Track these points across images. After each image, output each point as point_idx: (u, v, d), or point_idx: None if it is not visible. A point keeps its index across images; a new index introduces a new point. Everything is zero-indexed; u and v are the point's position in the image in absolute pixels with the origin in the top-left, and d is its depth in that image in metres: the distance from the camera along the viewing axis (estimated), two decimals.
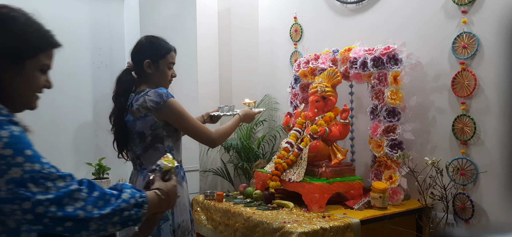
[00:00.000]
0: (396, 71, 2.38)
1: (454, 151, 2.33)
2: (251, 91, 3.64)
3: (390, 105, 2.39)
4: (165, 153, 1.83)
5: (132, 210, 1.05)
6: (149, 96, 1.79)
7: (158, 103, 1.78)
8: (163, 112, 1.79)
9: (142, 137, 1.82)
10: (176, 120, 1.83)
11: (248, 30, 3.66)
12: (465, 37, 2.26)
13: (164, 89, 1.82)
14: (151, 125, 1.80)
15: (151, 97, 1.79)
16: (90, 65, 3.13)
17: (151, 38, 1.94)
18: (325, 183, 2.29)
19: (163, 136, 1.83)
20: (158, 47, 1.91)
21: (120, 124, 1.88)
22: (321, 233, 1.97)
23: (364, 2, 2.83)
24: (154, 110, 1.78)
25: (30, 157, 0.96)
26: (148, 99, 1.79)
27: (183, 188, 1.88)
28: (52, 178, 0.97)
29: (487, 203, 2.20)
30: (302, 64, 2.88)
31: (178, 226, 1.82)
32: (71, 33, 3.02)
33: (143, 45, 1.92)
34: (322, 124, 2.44)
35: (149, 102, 1.78)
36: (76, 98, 3.08)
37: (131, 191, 1.08)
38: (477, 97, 2.23)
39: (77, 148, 3.11)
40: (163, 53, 1.90)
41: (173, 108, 1.81)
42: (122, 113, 1.88)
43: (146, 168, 1.85)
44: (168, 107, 1.80)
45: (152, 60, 1.88)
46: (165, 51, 1.91)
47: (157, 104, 1.78)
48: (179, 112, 1.83)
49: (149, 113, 1.79)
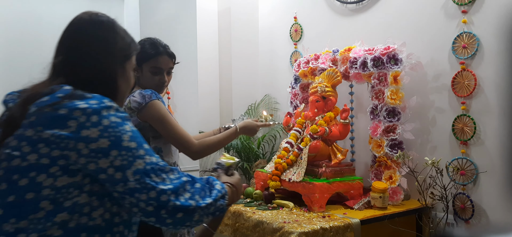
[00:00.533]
0: (396, 71, 2.38)
1: (454, 151, 2.33)
2: (251, 91, 3.65)
3: (390, 105, 2.39)
4: None
5: (221, 200, 1.10)
6: (134, 97, 1.76)
7: (140, 104, 1.75)
8: (144, 113, 1.76)
9: None
10: (156, 122, 1.77)
11: (248, 30, 3.66)
12: (465, 37, 2.26)
13: (149, 91, 1.78)
14: (135, 126, 1.78)
15: (135, 97, 1.76)
16: None
17: (144, 41, 1.89)
18: (325, 183, 2.29)
19: (150, 137, 1.80)
20: (143, 50, 1.83)
21: None
22: (321, 233, 1.97)
23: (364, 2, 2.83)
24: (136, 111, 1.76)
25: (148, 151, 1.02)
26: (132, 99, 1.76)
27: None
28: (166, 171, 1.02)
29: (487, 203, 2.20)
30: (302, 64, 2.88)
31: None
32: None
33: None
34: (322, 124, 2.44)
35: (133, 103, 1.76)
36: None
37: (218, 183, 1.14)
38: (477, 97, 2.23)
39: None
40: (146, 57, 1.83)
41: (153, 110, 1.75)
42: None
43: None
44: (148, 108, 1.75)
45: (137, 63, 1.85)
46: (148, 55, 1.84)
47: (139, 104, 1.75)
48: (160, 115, 1.76)
49: (133, 113, 1.77)
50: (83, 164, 0.95)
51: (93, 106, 0.97)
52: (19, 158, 0.95)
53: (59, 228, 0.95)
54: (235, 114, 3.57)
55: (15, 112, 0.99)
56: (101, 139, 0.95)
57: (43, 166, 0.94)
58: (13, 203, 0.94)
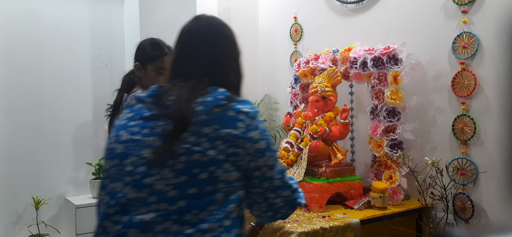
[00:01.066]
0: (396, 71, 2.38)
1: (454, 151, 2.33)
2: (251, 91, 3.64)
3: (390, 105, 2.39)
4: None
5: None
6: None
7: None
8: None
9: None
10: None
11: (248, 30, 3.66)
12: (465, 37, 2.26)
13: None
14: None
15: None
16: (90, 65, 3.13)
17: (148, 41, 1.90)
18: (325, 183, 2.29)
19: None
20: (148, 50, 1.84)
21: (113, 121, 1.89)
22: (321, 233, 1.97)
23: (364, 2, 2.83)
24: None
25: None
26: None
27: None
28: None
29: (487, 203, 2.20)
30: (302, 64, 2.88)
31: None
32: (71, 33, 3.02)
33: (139, 47, 1.91)
34: (322, 124, 2.44)
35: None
36: (76, 98, 3.08)
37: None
38: (477, 97, 2.23)
39: (77, 148, 3.11)
40: (152, 57, 1.84)
41: None
42: (117, 110, 1.88)
43: None
44: None
45: (140, 63, 1.85)
46: (154, 55, 1.85)
47: None
48: None
49: None
50: (247, 161, 1.07)
51: (252, 111, 1.11)
52: (200, 153, 1.01)
53: (228, 219, 1.04)
54: None
55: (183, 109, 1.03)
56: (261, 141, 1.09)
57: (220, 161, 1.02)
58: (195, 195, 1.00)
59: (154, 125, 1.04)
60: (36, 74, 2.90)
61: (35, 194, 2.91)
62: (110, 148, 1.08)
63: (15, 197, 2.90)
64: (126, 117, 1.10)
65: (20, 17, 2.87)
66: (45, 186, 2.98)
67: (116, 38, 3.21)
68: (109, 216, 1.01)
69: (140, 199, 0.99)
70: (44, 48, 2.93)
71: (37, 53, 2.92)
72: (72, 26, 3.03)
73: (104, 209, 1.03)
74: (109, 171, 1.06)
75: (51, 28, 2.96)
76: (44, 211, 2.95)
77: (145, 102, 1.09)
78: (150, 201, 0.99)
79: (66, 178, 3.07)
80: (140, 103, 1.10)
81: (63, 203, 3.05)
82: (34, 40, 2.91)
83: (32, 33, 2.90)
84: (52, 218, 3.01)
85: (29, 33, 2.90)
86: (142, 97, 1.11)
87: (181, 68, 1.14)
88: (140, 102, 1.10)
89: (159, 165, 1.00)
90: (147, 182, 1.00)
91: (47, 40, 2.95)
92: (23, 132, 2.90)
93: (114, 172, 1.04)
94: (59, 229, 3.02)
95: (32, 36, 2.90)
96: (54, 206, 3.02)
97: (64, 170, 3.05)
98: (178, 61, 1.16)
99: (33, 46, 2.90)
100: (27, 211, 2.93)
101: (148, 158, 1.01)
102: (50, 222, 2.99)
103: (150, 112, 1.07)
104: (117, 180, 1.03)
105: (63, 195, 3.05)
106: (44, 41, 2.94)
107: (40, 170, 2.97)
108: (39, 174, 2.97)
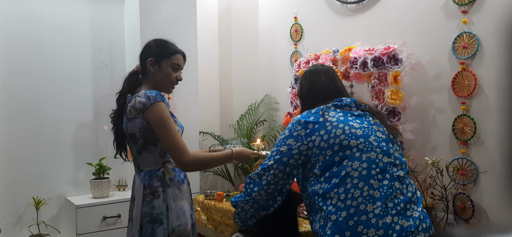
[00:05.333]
0: (396, 71, 2.38)
1: (454, 151, 2.33)
2: (251, 91, 3.65)
3: (390, 105, 2.39)
4: (159, 156, 1.81)
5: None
6: (139, 97, 1.76)
7: (145, 105, 1.74)
8: (147, 114, 1.74)
9: (134, 139, 1.80)
10: (155, 124, 1.74)
11: (248, 30, 3.67)
12: (465, 37, 2.26)
13: (154, 92, 1.77)
14: (140, 127, 1.77)
15: (140, 98, 1.75)
16: (90, 65, 3.13)
17: (159, 40, 1.92)
18: None
19: (155, 138, 1.78)
20: (163, 47, 1.87)
21: (118, 124, 1.88)
22: None
23: (364, 2, 2.84)
24: (140, 111, 1.75)
25: None
26: (138, 100, 1.76)
27: (181, 191, 1.85)
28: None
29: (487, 203, 2.20)
30: (302, 64, 2.88)
31: (172, 230, 1.77)
32: (71, 33, 3.02)
33: (150, 46, 1.91)
34: None
35: (138, 104, 1.75)
36: (76, 98, 3.08)
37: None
38: (477, 97, 2.23)
39: (77, 148, 3.11)
40: (168, 53, 1.86)
41: (155, 111, 1.74)
42: (121, 113, 1.87)
43: (142, 170, 1.83)
44: (151, 110, 1.74)
45: (155, 59, 1.86)
46: (170, 51, 1.87)
47: (144, 105, 1.74)
48: (161, 117, 1.74)
49: (138, 115, 1.76)
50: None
51: None
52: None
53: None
54: (235, 114, 3.57)
55: (373, 109, 1.69)
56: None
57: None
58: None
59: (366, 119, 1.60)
60: (37, 74, 2.90)
61: (35, 194, 2.91)
62: (350, 133, 1.51)
63: (16, 197, 2.90)
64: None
65: (20, 17, 2.88)
66: (45, 186, 2.98)
67: (116, 38, 3.22)
68: (373, 176, 1.43)
69: (391, 162, 1.49)
70: (44, 48, 2.93)
71: (37, 53, 2.92)
72: (72, 26, 3.03)
73: (366, 172, 1.44)
74: (357, 147, 1.48)
75: (51, 28, 2.96)
76: (44, 211, 2.95)
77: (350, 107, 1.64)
78: (397, 163, 1.50)
79: (67, 178, 3.07)
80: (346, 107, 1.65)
81: (63, 203, 3.05)
82: (34, 40, 2.91)
83: (32, 33, 2.90)
84: (53, 218, 3.01)
85: (29, 33, 2.90)
86: (346, 103, 1.65)
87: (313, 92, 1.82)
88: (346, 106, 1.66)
89: (392, 140, 1.56)
90: (391, 152, 1.51)
91: (47, 40, 2.95)
92: (23, 132, 2.90)
93: (362, 147, 1.48)
94: (59, 229, 3.02)
95: (32, 36, 2.91)
96: (55, 206, 3.02)
97: (65, 170, 3.05)
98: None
99: (33, 46, 2.90)
100: (27, 211, 2.93)
101: (386, 137, 1.55)
102: (51, 222, 2.99)
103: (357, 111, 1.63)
104: (370, 151, 1.48)
105: (64, 195, 3.05)
106: (44, 41, 2.94)
107: (41, 170, 2.97)
108: (40, 174, 2.97)
